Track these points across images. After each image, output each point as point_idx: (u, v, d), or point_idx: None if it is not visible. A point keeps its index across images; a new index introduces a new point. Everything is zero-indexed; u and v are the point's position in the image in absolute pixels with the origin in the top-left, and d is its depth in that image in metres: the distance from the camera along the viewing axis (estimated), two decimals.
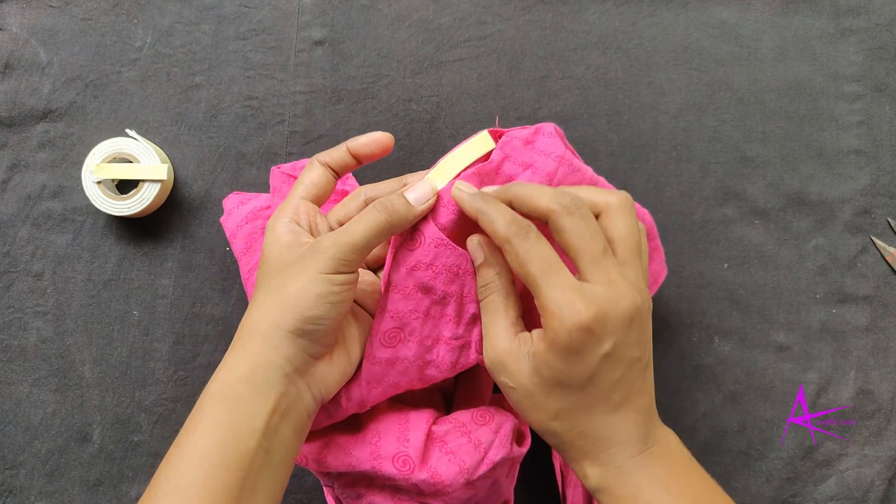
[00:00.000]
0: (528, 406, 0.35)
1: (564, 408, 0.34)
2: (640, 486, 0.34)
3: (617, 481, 0.34)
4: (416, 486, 0.40)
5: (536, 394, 0.34)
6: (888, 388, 0.53)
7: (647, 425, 0.35)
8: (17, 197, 0.54)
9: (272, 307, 0.34)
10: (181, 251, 0.53)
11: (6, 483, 0.52)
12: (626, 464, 0.34)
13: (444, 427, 0.42)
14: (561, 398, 0.34)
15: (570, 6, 0.56)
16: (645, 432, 0.35)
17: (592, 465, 0.35)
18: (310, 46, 0.55)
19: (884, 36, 0.56)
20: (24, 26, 0.54)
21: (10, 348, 0.53)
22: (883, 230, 0.54)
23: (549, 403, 0.34)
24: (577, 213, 0.34)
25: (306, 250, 0.35)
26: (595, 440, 0.34)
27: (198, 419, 0.33)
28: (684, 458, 0.36)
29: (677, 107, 0.55)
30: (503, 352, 0.35)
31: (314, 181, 0.39)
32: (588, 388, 0.33)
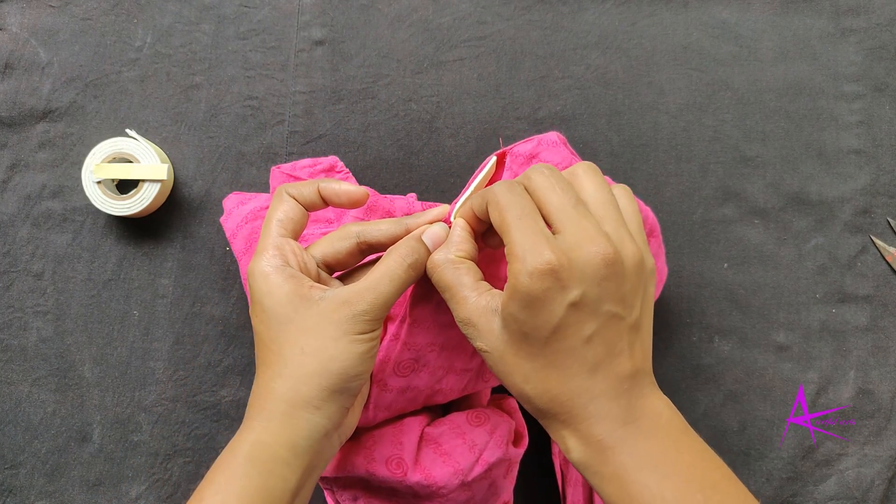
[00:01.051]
0: (503, 370, 0.32)
1: (535, 367, 0.32)
2: (624, 464, 0.31)
3: (600, 457, 0.31)
4: (410, 488, 0.40)
5: (507, 353, 0.32)
6: (888, 387, 0.53)
7: (632, 394, 0.32)
8: (17, 197, 0.54)
9: (312, 369, 0.33)
10: (181, 251, 0.53)
11: (6, 483, 0.52)
12: (608, 438, 0.31)
13: (439, 429, 0.42)
14: (530, 356, 0.31)
15: (570, 6, 0.56)
16: (628, 402, 0.32)
17: (572, 436, 0.32)
18: (310, 46, 0.55)
19: (884, 36, 0.56)
20: (24, 26, 0.54)
21: (10, 348, 0.53)
22: (883, 230, 0.54)
23: (520, 363, 0.32)
24: (547, 171, 0.32)
25: (330, 306, 0.33)
26: (571, 407, 0.32)
27: (227, 479, 0.32)
28: (676, 432, 0.33)
29: (677, 107, 0.55)
30: (472, 312, 0.33)
31: (290, 216, 0.36)
32: (555, 344, 0.31)
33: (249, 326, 0.52)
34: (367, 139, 0.54)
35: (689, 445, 0.32)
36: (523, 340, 0.31)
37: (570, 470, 0.48)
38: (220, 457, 0.34)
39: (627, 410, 0.32)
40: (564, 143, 0.43)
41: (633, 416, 0.32)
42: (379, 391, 0.39)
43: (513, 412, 0.46)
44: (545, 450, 0.51)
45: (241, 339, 0.53)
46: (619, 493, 0.31)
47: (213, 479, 0.32)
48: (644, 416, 0.32)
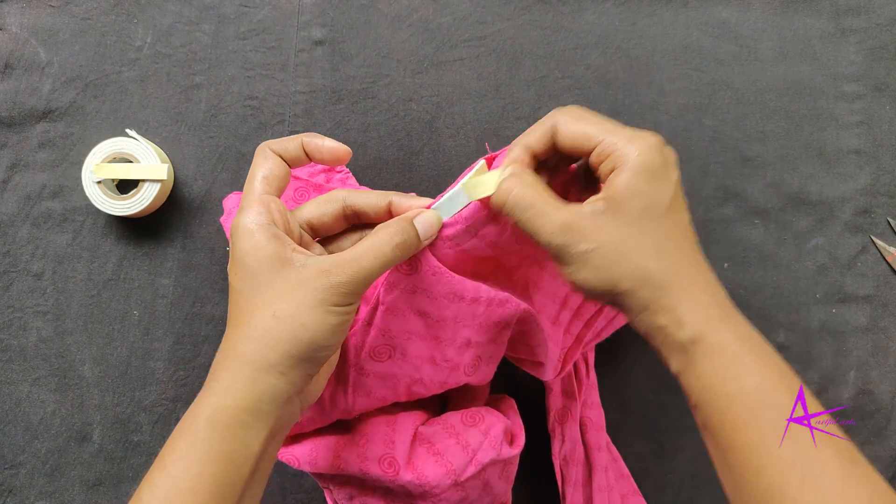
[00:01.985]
0: (621, 254, 0.33)
1: (659, 239, 0.33)
2: (749, 333, 0.34)
3: (722, 325, 0.33)
4: (403, 487, 0.40)
5: (628, 235, 0.33)
6: (888, 387, 0.53)
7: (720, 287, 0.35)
8: (17, 197, 0.54)
9: (281, 335, 0.33)
10: (181, 251, 0.53)
11: (6, 483, 0.52)
12: (730, 307, 0.34)
13: (433, 428, 0.42)
14: (653, 228, 0.33)
15: (570, 6, 0.56)
16: (723, 292, 0.35)
17: (693, 309, 0.33)
18: (310, 46, 0.55)
19: (884, 36, 0.56)
20: (24, 26, 0.54)
21: (10, 348, 0.53)
22: (883, 230, 0.54)
23: (645, 238, 0.33)
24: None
25: (309, 274, 0.33)
26: (695, 275, 0.33)
27: (189, 444, 0.32)
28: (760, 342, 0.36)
29: (677, 107, 0.55)
30: (569, 219, 0.33)
31: (274, 173, 0.36)
32: (672, 215, 0.33)
33: None
34: (367, 139, 0.54)
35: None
36: (645, 216, 0.33)
37: (569, 471, 0.48)
38: (182, 420, 0.33)
39: (725, 299, 0.34)
40: None
41: (731, 310, 0.34)
42: (357, 375, 0.39)
43: (509, 412, 0.46)
44: (545, 450, 0.51)
45: None
46: (725, 366, 0.32)
47: (174, 445, 0.32)
48: (736, 315, 0.34)
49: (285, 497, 0.52)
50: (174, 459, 0.32)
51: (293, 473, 0.52)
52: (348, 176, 0.51)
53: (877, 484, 0.30)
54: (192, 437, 0.32)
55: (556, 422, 0.49)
